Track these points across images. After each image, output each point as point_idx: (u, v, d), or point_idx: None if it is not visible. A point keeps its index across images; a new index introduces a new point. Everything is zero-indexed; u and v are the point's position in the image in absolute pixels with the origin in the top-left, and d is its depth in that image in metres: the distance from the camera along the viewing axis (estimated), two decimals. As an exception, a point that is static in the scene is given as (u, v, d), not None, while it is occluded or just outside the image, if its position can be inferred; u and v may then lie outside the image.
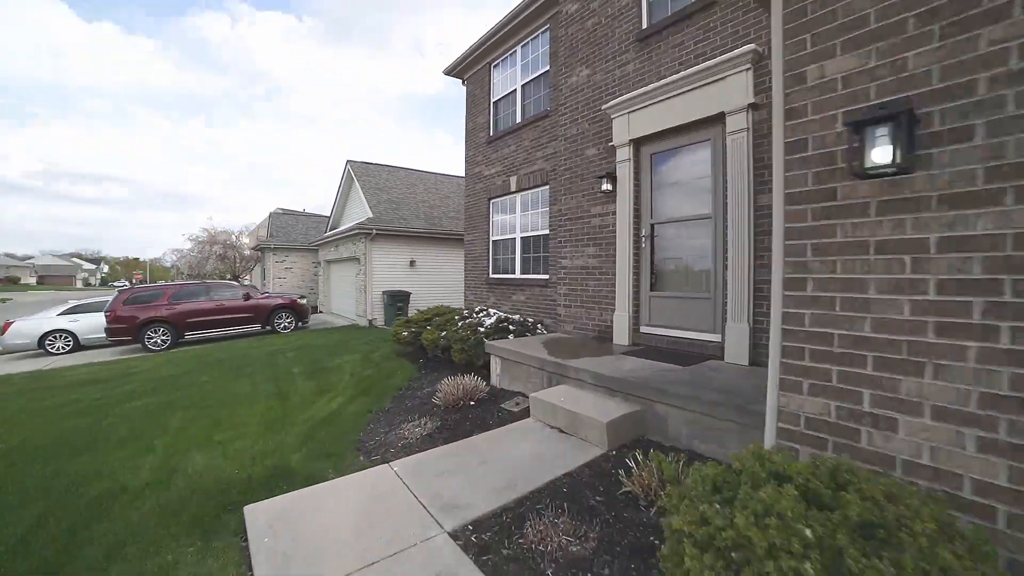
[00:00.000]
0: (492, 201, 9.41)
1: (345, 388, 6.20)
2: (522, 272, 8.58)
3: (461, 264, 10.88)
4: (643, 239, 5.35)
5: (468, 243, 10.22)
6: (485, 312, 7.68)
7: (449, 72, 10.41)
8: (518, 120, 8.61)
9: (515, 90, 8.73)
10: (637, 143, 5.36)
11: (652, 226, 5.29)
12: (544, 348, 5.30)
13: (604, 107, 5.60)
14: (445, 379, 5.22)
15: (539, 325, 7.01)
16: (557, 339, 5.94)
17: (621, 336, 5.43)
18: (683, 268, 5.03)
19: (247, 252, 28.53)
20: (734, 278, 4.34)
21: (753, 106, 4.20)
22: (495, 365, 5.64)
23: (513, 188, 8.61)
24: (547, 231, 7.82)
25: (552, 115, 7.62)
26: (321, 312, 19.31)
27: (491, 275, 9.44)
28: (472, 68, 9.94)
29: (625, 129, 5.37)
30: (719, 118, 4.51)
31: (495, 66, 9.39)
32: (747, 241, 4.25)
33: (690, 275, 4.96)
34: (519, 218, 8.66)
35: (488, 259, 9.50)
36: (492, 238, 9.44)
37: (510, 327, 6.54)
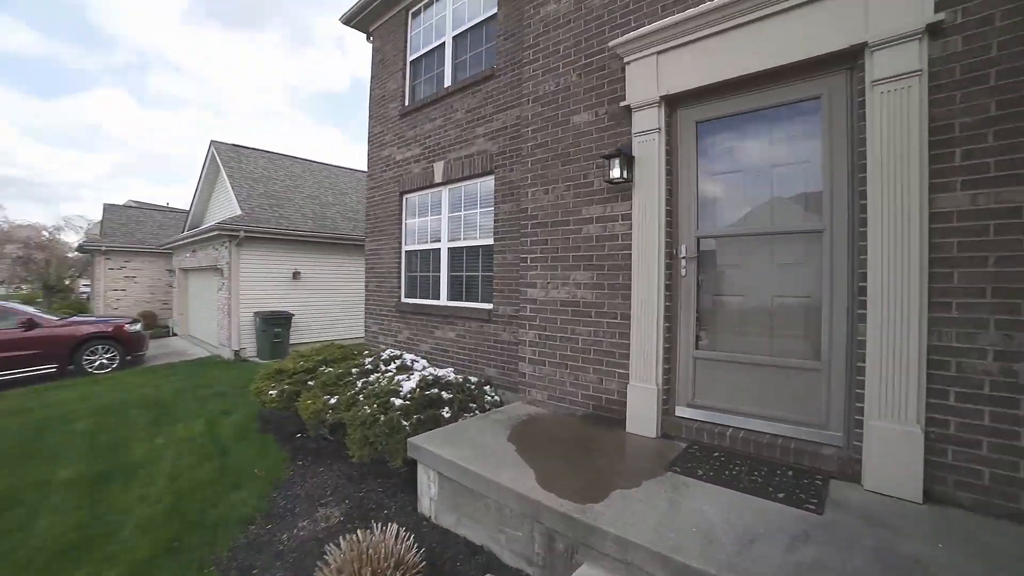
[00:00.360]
0: (407, 196, 6.79)
1: (141, 528, 3.15)
2: (451, 298, 6.08)
3: (371, 275, 7.97)
4: (683, 262, 3.23)
5: (371, 253, 7.42)
6: (399, 362, 5.04)
7: (349, 21, 7.57)
8: (447, 84, 6.14)
9: (444, 43, 6.25)
10: (672, 103, 3.24)
11: (699, 241, 3.20)
12: (518, 454, 2.91)
13: (612, 44, 3.41)
14: (342, 540, 2.54)
15: (486, 387, 4.57)
16: (529, 426, 3.57)
17: (641, 421, 3.24)
18: (761, 315, 2.99)
19: (72, 255, 21.87)
20: (883, 340, 2.37)
21: (934, 29, 2.28)
22: (428, 481, 3.10)
23: (438, 179, 6.10)
24: (491, 240, 5.45)
25: (500, 75, 5.29)
26: (176, 336, 14.65)
27: (404, 299, 6.78)
28: (381, 16, 7.24)
29: (651, 80, 3.23)
30: (846, 56, 2.54)
31: (414, 12, 6.82)
32: (909, 274, 2.31)
33: (776, 327, 2.93)
34: (447, 221, 6.16)
35: (400, 277, 6.84)
36: (406, 247, 6.80)
37: (444, 396, 4.02)
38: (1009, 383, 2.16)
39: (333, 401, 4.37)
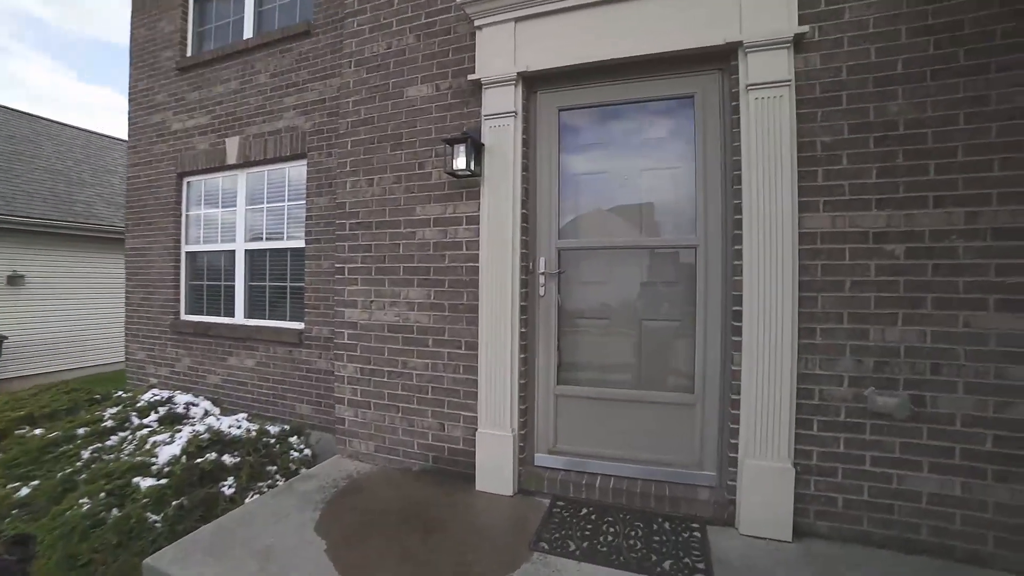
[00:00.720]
0: (189, 180, 5.07)
1: None
2: (251, 315, 4.66)
3: (134, 282, 5.75)
4: (541, 278, 2.67)
5: (134, 253, 5.41)
6: (166, 408, 3.53)
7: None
8: (247, 35, 4.71)
9: (242, -18, 4.80)
10: (532, 83, 2.68)
11: (559, 253, 2.68)
12: (328, 558, 1.97)
13: (461, 1, 2.70)
14: None
15: (293, 438, 3.41)
16: (349, 498, 2.61)
17: (494, 476, 2.58)
18: (629, 342, 2.59)
19: None
20: (758, 369, 2.14)
21: (798, 41, 2.12)
22: (158, 634, 1.91)
23: (233, 159, 4.64)
24: (302, 242, 4.27)
25: (319, 33, 4.18)
26: None
27: (185, 316, 5.04)
28: (149, -69, 5.33)
29: (508, 52, 2.61)
30: (721, 55, 2.28)
31: (200, -64, 5.15)
32: (782, 299, 2.11)
33: (646, 356, 2.55)
34: (245, 215, 4.72)
35: (179, 286, 5.07)
36: (187, 247, 5.07)
37: (227, 462, 2.78)
38: (860, 408, 2.10)
39: (25, 492, 2.75)
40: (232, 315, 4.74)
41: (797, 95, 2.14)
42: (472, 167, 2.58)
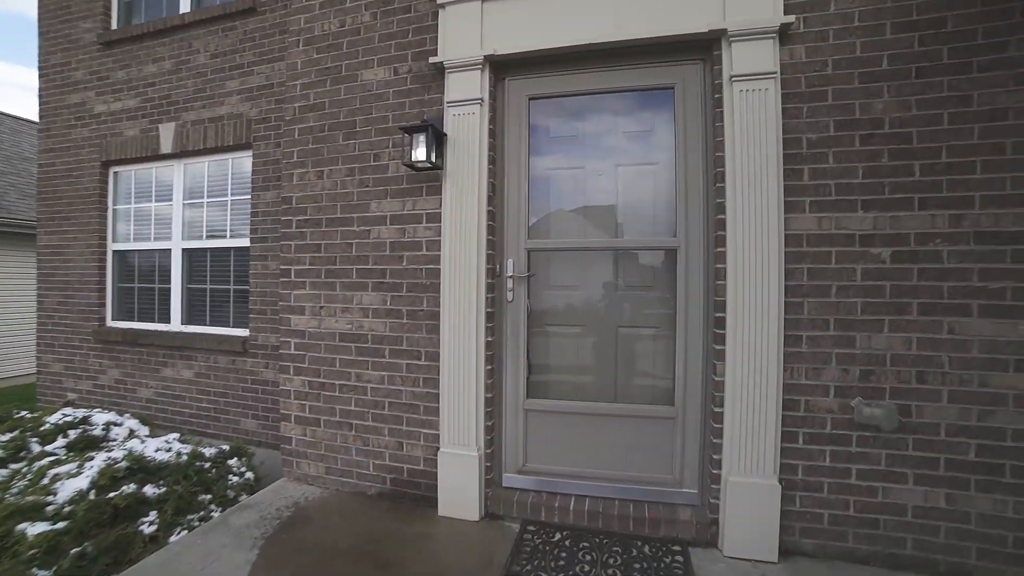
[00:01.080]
0: (116, 170, 4.54)
1: None
2: (189, 320, 4.21)
3: (49, 284, 5.08)
4: (509, 282, 2.45)
5: (49, 252, 4.79)
6: (80, 430, 3.08)
7: None
8: (184, 10, 4.24)
9: (178, -48, 4.33)
10: (500, 68, 2.45)
11: (529, 255, 2.46)
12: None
13: (417, -26, 2.44)
14: None
15: (233, 460, 3.04)
16: (294, 532, 2.29)
17: (458, 499, 2.34)
18: (605, 351, 2.40)
19: None
20: (742, 380, 2.00)
21: (784, 32, 1.99)
22: None
23: (168, 147, 4.17)
24: (247, 241, 3.88)
25: (266, 10, 3.81)
26: None
27: (112, 323, 4.51)
28: None
29: (474, 33, 2.37)
30: (704, 45, 2.14)
31: (129, -101, 4.62)
32: (768, 305, 1.98)
33: (623, 366, 2.37)
34: (182, 210, 4.26)
35: (105, 289, 4.53)
36: (114, 246, 4.54)
37: (148, 493, 2.41)
38: (846, 419, 2.00)
39: None
40: (168, 321, 4.27)
41: (782, 89, 2.02)
42: (433, 159, 2.32)
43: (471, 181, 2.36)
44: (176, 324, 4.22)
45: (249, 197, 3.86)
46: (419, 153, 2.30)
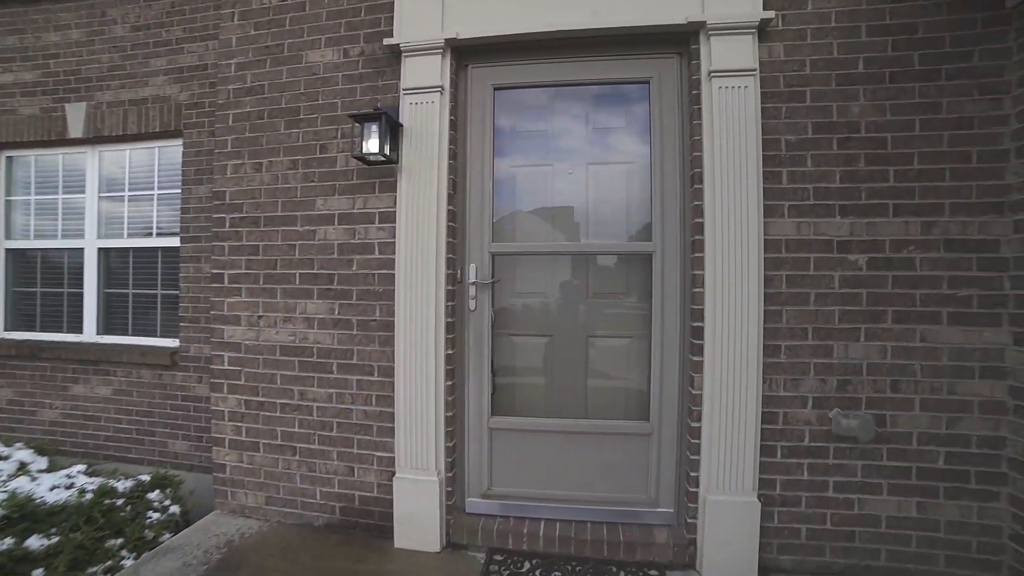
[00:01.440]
0: (11, 155, 3.94)
1: None
2: (105, 330, 3.71)
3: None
4: (471, 289, 2.24)
5: (-69, 250, 4.10)
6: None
7: None
8: (97, -23, 3.73)
9: (90, -90, 3.79)
10: (462, 54, 2.23)
11: (493, 259, 2.26)
12: None
13: (369, -56, 2.18)
14: None
15: (154, 493, 2.64)
16: (226, 574, 1.98)
17: (417, 528, 2.11)
18: (575, 362, 2.23)
19: None
20: (722, 393, 1.90)
21: (763, 28, 1.90)
22: None
23: (78, 131, 3.65)
24: (176, 240, 3.46)
25: (197, -19, 3.40)
26: None
27: (4, 333, 3.91)
28: None
29: (434, 13, 2.14)
30: (681, 38, 2.02)
31: None
32: (748, 313, 1.89)
33: (593, 379, 2.21)
34: (97, 204, 3.74)
35: (-2, 293, 3.92)
36: (8, 244, 3.94)
37: (33, 546, 2.00)
38: (824, 431, 1.94)
39: None
40: (79, 331, 3.74)
41: (761, 87, 1.93)
42: (387, 151, 2.08)
43: (429, 177, 2.13)
44: (90, 334, 3.70)
45: (179, 191, 3.43)
46: (371, 144, 2.05)
